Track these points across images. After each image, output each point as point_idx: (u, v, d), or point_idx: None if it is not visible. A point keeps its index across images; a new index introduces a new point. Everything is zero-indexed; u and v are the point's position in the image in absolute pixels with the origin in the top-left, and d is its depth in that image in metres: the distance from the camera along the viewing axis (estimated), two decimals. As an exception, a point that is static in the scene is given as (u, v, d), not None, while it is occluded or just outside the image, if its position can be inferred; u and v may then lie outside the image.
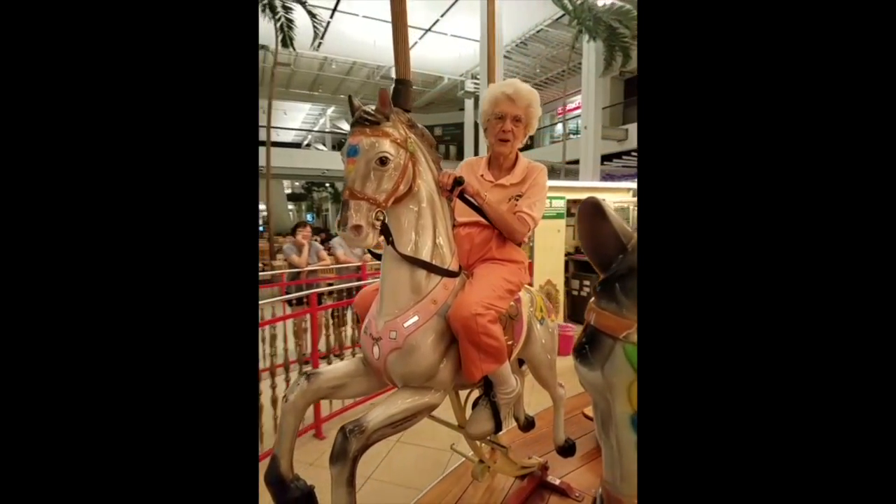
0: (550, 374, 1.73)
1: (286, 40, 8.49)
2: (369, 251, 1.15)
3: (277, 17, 8.20)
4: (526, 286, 1.66)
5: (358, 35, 11.85)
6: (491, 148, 1.51)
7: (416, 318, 1.15)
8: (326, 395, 1.18)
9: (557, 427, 1.91)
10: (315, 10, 8.65)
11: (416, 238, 1.18)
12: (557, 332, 1.81)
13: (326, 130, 21.15)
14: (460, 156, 17.18)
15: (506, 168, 1.50)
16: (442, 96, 17.38)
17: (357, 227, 1.03)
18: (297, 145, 21.08)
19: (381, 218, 1.08)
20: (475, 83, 14.06)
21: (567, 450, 1.95)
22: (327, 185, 19.87)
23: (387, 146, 1.07)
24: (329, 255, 4.64)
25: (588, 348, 0.57)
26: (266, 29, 7.99)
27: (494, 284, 1.29)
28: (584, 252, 0.62)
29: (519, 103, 1.43)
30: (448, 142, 18.81)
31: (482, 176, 1.50)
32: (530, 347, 1.61)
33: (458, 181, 1.24)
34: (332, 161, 14.09)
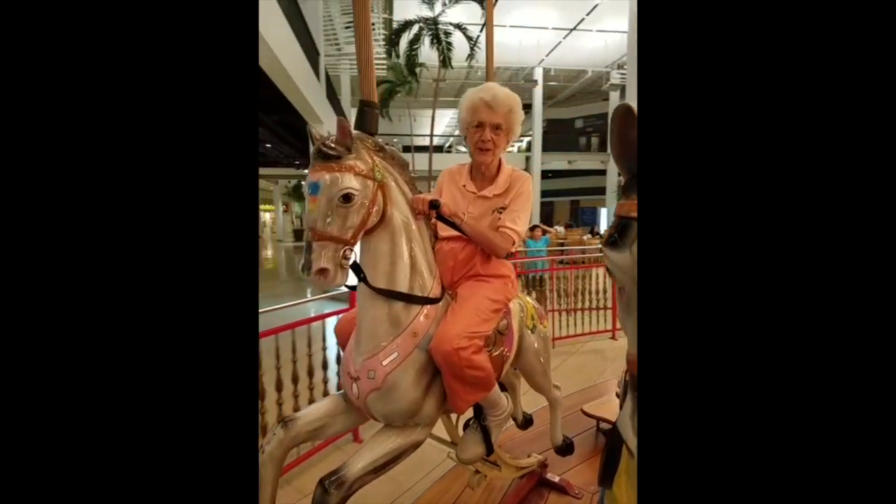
0: (545, 379, 1.69)
1: (445, 61, 10.13)
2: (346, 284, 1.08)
3: (441, 44, 9.90)
4: (518, 295, 1.59)
5: (503, 40, 12.37)
6: (472, 157, 1.41)
7: (395, 355, 1.09)
8: (307, 438, 1.14)
9: (554, 428, 1.90)
10: (467, 26, 10.12)
11: (392, 268, 1.11)
12: (550, 337, 1.76)
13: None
14: (602, 147, 17.77)
15: (488, 178, 1.40)
16: (583, 88, 17.66)
17: (322, 271, 0.96)
18: (439, 148, 22.12)
19: (351, 256, 1.00)
20: (622, 74, 14.07)
21: (565, 449, 1.94)
22: (465, 184, 22.22)
23: (350, 181, 0.98)
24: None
25: (617, 236, 0.66)
26: (428, 54, 10.10)
27: (479, 307, 1.22)
28: (613, 155, 0.70)
29: (498, 110, 1.32)
30: (590, 133, 19.06)
31: (464, 186, 1.41)
32: (523, 357, 1.57)
33: (434, 204, 1.16)
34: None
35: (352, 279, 1.09)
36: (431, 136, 11.59)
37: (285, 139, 13.35)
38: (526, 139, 18.81)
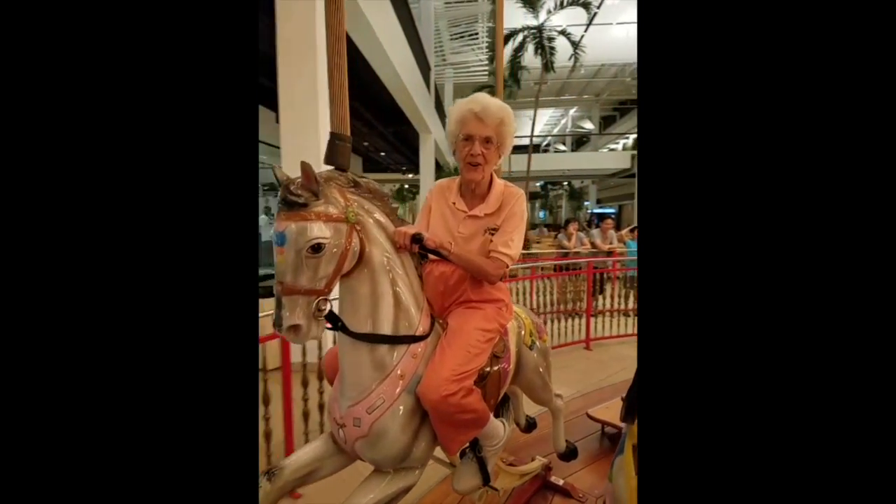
0: (545, 393, 1.65)
1: (548, 65, 10.51)
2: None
3: (544, 50, 10.31)
4: (515, 311, 1.52)
5: (608, 38, 12.96)
6: (461, 173, 1.31)
7: (380, 402, 1.04)
8: (296, 486, 1.10)
9: (557, 436, 1.87)
10: (569, 30, 10.62)
11: (374, 309, 1.04)
12: (549, 349, 1.70)
13: (567, 133, 23.99)
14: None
15: (479, 195, 1.31)
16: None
17: (295, 328, 0.89)
18: (536, 147, 22.69)
19: (326, 306, 0.94)
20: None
21: (569, 455, 1.92)
22: (564, 183, 22.70)
23: (318, 230, 0.89)
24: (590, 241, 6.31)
25: None
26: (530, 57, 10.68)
27: (469, 343, 1.15)
28: None
29: (488, 122, 1.21)
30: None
31: (454, 204, 1.32)
32: (522, 375, 1.52)
33: (416, 238, 1.07)
34: (571, 161, 17.68)
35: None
36: (532, 136, 11.98)
37: (398, 148, 14.40)
38: (632, 136, 19.27)
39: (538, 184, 22.77)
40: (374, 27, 5.01)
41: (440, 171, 15.15)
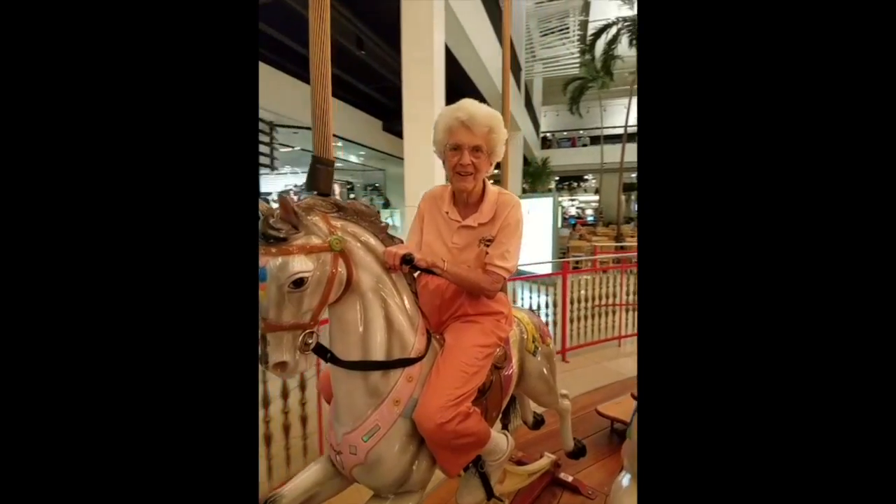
0: (551, 397, 1.62)
1: None
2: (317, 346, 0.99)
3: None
4: (517, 316, 1.49)
5: None
6: (450, 183, 1.25)
7: (375, 429, 1.02)
8: None
9: (565, 436, 1.86)
10: None
11: (365, 335, 1.01)
12: (554, 352, 1.66)
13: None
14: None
15: (472, 204, 1.25)
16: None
17: (281, 365, 0.87)
18: (632, 136, 22.81)
19: (312, 340, 0.91)
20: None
21: (577, 453, 1.90)
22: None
23: (300, 264, 0.85)
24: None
25: None
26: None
27: (466, 362, 1.12)
28: None
29: (476, 130, 1.15)
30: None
31: (447, 213, 1.26)
32: (526, 382, 1.49)
33: (407, 259, 1.03)
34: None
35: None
36: (626, 127, 12.05)
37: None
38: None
39: (633, 175, 22.18)
40: (469, 37, 5.29)
41: (527, 165, 15.26)
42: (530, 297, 3.88)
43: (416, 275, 1.14)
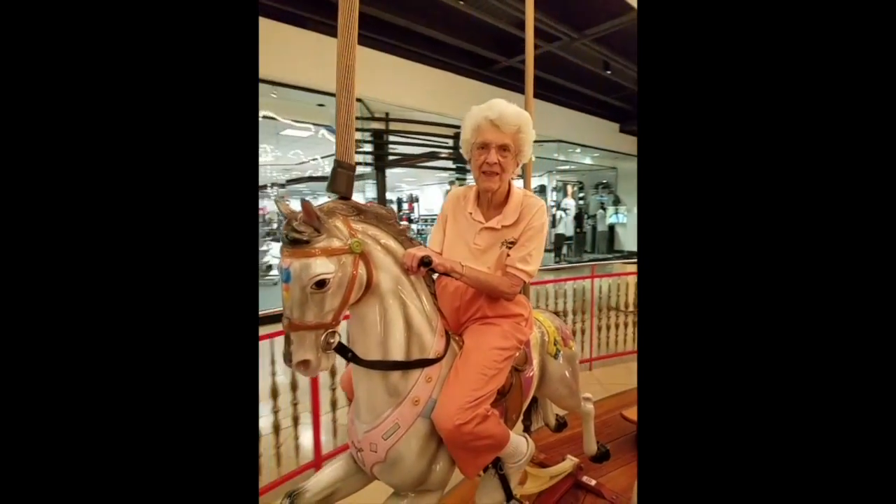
0: (573, 400, 1.60)
1: None
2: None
3: None
4: (538, 318, 1.48)
5: None
6: (476, 182, 1.25)
7: (396, 428, 1.04)
8: None
9: (588, 439, 1.83)
10: None
11: (385, 336, 1.03)
12: (577, 355, 1.64)
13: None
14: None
15: (496, 204, 1.25)
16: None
17: (304, 363, 0.89)
18: None
19: (334, 339, 0.93)
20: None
21: (600, 458, 1.88)
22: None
23: (321, 266, 0.88)
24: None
25: None
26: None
27: (485, 364, 1.12)
28: None
29: (505, 129, 1.14)
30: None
31: (471, 214, 1.27)
32: (547, 385, 1.48)
33: (425, 262, 1.04)
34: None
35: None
36: None
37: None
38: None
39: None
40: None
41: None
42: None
43: (434, 277, 1.15)
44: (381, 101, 5.51)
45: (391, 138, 6.16)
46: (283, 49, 4.33)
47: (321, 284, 0.88)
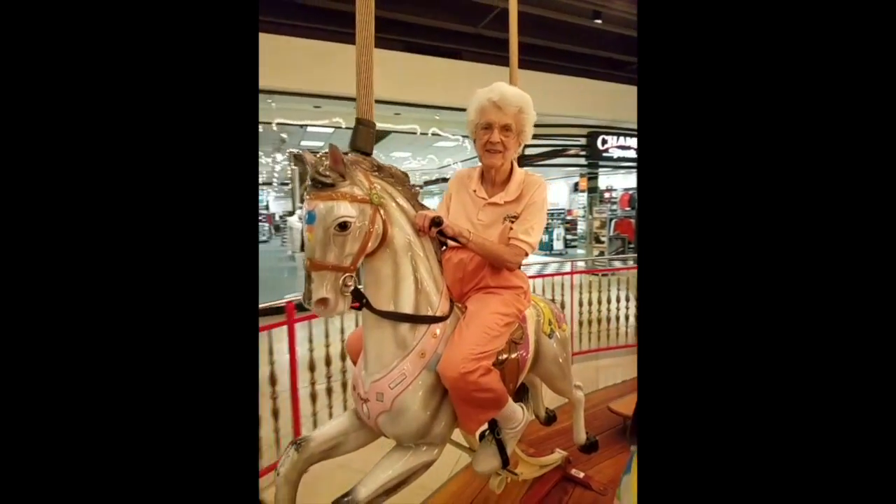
0: (565, 383, 1.66)
1: None
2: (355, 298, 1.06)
3: None
4: (533, 300, 1.55)
5: None
6: (480, 161, 1.35)
7: (402, 378, 1.08)
8: (320, 458, 1.16)
9: (578, 428, 1.87)
10: None
11: (396, 290, 1.09)
12: (569, 340, 1.71)
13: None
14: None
15: (499, 182, 1.34)
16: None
17: (323, 301, 0.95)
18: None
19: (352, 282, 0.98)
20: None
21: (589, 448, 1.92)
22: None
23: (344, 209, 0.95)
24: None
25: None
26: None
27: (487, 325, 1.19)
28: None
29: (507, 110, 1.25)
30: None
31: (475, 192, 1.35)
32: (541, 364, 1.53)
33: (436, 222, 1.11)
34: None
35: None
36: None
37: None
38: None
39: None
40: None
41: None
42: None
43: (442, 249, 1.23)
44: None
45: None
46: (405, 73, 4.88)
47: (343, 227, 0.95)
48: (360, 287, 1.05)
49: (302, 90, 4.84)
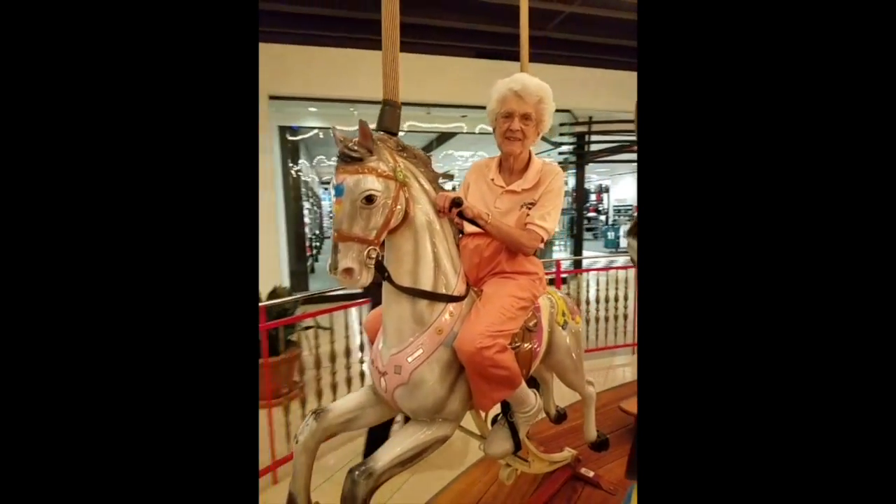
0: (577, 376, 1.67)
1: None
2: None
3: None
4: (548, 291, 1.57)
5: None
6: (500, 148, 1.39)
7: (420, 352, 1.11)
8: (338, 430, 1.18)
9: (588, 424, 1.87)
10: None
11: (416, 267, 1.12)
12: (583, 332, 1.72)
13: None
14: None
15: (517, 170, 1.38)
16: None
17: (348, 271, 0.98)
18: None
19: (375, 255, 1.02)
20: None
21: (600, 445, 1.91)
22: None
23: (371, 183, 0.99)
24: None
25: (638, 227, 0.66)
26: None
27: (503, 306, 1.21)
28: None
29: (528, 100, 1.29)
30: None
31: (492, 180, 1.39)
32: (553, 355, 1.55)
33: (457, 202, 1.15)
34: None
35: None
36: None
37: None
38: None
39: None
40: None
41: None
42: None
43: (459, 236, 1.26)
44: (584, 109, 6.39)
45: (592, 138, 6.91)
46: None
47: (370, 200, 0.99)
48: (381, 261, 1.09)
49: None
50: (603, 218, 14.78)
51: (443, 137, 7.57)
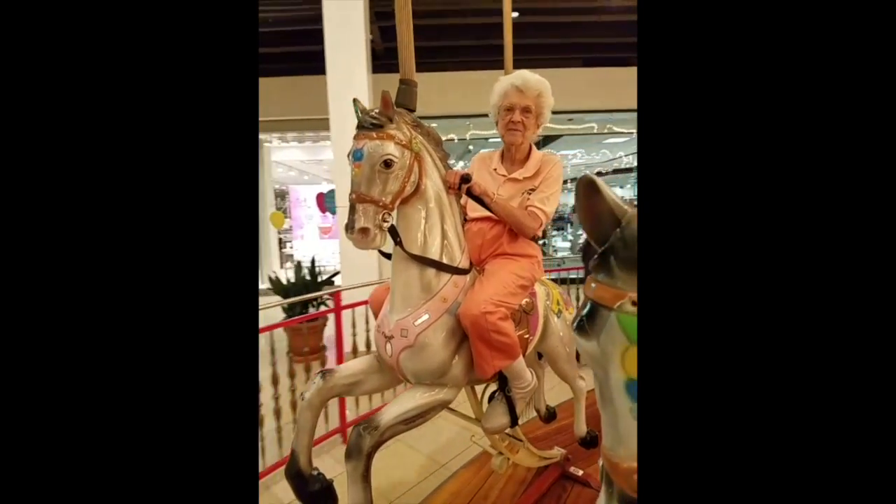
0: (569, 366, 1.72)
1: None
2: (379, 251, 1.17)
3: None
4: (542, 279, 1.64)
5: None
6: (502, 140, 1.50)
7: (426, 317, 1.17)
8: (342, 392, 1.21)
9: (578, 420, 1.91)
10: None
11: (425, 237, 1.19)
12: None
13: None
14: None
15: (519, 160, 1.48)
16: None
17: (364, 230, 1.05)
18: None
19: (389, 220, 1.09)
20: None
21: (589, 442, 1.94)
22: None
23: (391, 148, 1.07)
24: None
25: (586, 320, 0.58)
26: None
27: (505, 281, 1.28)
28: (583, 228, 0.63)
29: (528, 93, 1.41)
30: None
31: (495, 170, 1.49)
32: (547, 341, 1.60)
33: (466, 178, 1.24)
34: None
35: (388, 246, 1.18)
36: None
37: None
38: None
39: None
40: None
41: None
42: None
43: (465, 218, 1.35)
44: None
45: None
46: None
47: (388, 164, 1.07)
48: (394, 226, 1.15)
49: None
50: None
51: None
